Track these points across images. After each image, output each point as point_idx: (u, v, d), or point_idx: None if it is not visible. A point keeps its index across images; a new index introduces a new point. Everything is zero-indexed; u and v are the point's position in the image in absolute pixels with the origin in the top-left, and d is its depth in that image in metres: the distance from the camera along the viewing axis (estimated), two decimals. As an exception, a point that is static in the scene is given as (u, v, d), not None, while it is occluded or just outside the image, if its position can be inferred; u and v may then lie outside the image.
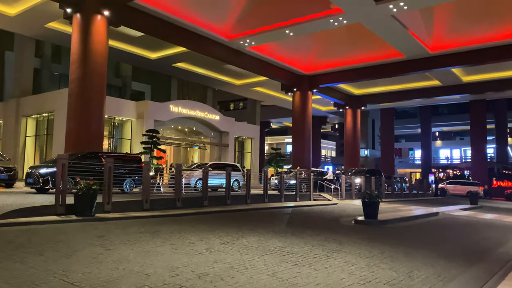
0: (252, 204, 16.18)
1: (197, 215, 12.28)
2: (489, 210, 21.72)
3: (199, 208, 13.66)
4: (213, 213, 13.02)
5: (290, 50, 29.27)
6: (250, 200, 16.53)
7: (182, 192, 13.52)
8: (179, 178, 13.28)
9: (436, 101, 43.81)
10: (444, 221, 14.95)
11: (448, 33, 25.51)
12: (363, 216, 12.91)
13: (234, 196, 16.48)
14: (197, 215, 12.30)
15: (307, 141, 32.56)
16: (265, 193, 17.89)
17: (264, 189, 18.34)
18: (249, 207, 15.22)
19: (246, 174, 18.01)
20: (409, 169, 60.75)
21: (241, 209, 14.51)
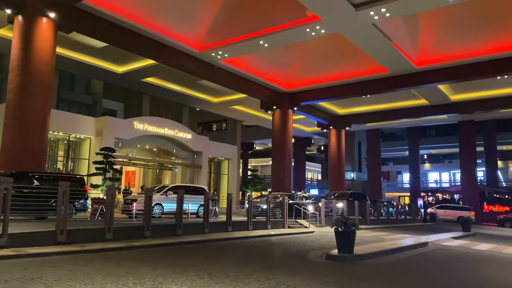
0: (210, 234, 13.77)
1: (127, 250, 9.87)
2: (484, 239, 19.56)
3: (136, 240, 11.22)
4: (152, 247, 10.60)
5: (269, 66, 27.46)
6: (209, 229, 14.12)
7: (113, 220, 11.07)
8: (111, 202, 10.87)
9: (424, 122, 42.18)
10: (435, 254, 12.69)
11: (434, 47, 23.93)
12: (337, 249, 10.59)
13: (194, 225, 14.12)
14: (128, 250, 9.89)
15: (287, 163, 30.37)
16: (248, 220, 15.61)
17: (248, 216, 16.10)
18: (206, 237, 12.83)
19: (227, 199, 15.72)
20: (398, 193, 58.80)
21: (194, 240, 12.10)
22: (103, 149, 19.13)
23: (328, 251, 10.81)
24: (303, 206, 20.48)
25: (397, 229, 22.17)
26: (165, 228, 12.81)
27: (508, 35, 21.55)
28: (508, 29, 21.22)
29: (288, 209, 19.25)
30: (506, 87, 28.94)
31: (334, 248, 11.11)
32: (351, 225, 10.34)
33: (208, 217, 13.94)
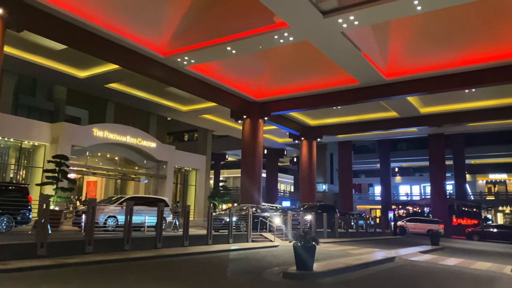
0: (162, 249, 12.72)
1: (57, 268, 8.75)
2: (452, 253, 19.18)
3: (75, 256, 10.08)
4: (90, 264, 9.51)
5: (239, 74, 26.75)
6: (162, 243, 13.07)
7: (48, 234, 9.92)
8: (44, 213, 9.73)
9: (395, 134, 42.39)
10: (402, 270, 12.05)
11: (404, 58, 23.80)
12: (295, 266, 9.77)
13: (146, 239, 13.03)
14: (58, 268, 8.78)
15: (257, 174, 29.54)
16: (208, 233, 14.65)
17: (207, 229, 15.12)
18: (157, 253, 11.78)
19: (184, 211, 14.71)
20: (369, 206, 58.85)
21: (142, 257, 11.05)
22: (56, 156, 17.85)
23: (287, 268, 9.98)
24: (269, 218, 19.62)
25: (366, 243, 21.59)
26: (112, 242, 11.71)
27: (476, 48, 21.59)
28: (476, 41, 21.26)
29: (253, 222, 18.39)
30: (474, 100, 29.20)
31: (294, 264, 10.28)
32: (311, 239, 9.56)
33: (162, 231, 12.88)
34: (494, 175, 55.13)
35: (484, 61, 21.87)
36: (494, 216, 50.44)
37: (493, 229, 33.84)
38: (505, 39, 20.67)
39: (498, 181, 54.91)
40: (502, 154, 50.30)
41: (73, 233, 13.41)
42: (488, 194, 51.46)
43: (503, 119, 31.32)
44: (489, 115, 30.02)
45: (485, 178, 55.41)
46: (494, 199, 49.42)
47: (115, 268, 9.45)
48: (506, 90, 26.89)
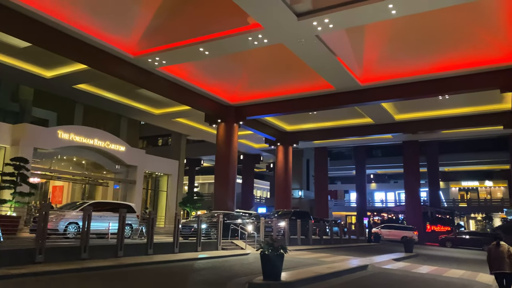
0: (123, 258, 11.92)
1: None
2: (425, 260, 18.99)
3: (22, 266, 9.22)
4: (35, 275, 8.66)
5: (214, 77, 26.15)
6: (124, 252, 12.28)
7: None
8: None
9: (370, 141, 42.53)
10: (374, 279, 11.63)
11: (379, 64, 23.71)
12: (262, 276, 9.18)
13: (106, 247, 12.22)
14: None
15: (231, 179, 28.88)
16: (174, 241, 13.89)
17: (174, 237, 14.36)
18: (116, 262, 10.99)
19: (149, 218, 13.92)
20: (345, 212, 58.93)
21: (99, 266, 10.25)
22: (14, 159, 16.80)
23: (253, 278, 9.39)
24: (241, 225, 18.98)
25: (340, 250, 21.22)
26: (67, 251, 10.87)
27: (451, 54, 21.66)
28: (451, 48, 21.33)
29: (224, 229, 17.74)
30: (448, 108, 29.44)
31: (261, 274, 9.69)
32: (279, 247, 9.00)
33: (123, 238, 12.09)
34: (466, 182, 56.14)
35: (458, 68, 21.95)
36: (467, 223, 51.23)
37: (465, 236, 34.15)
38: (479, 46, 20.79)
39: (470, 189, 55.91)
40: (474, 162, 51.25)
41: (27, 240, 12.45)
42: (460, 201, 52.29)
43: (475, 127, 31.74)
44: (462, 122, 30.34)
45: (458, 186, 56.36)
46: (466, 206, 50.22)
47: (64, 279, 8.66)
48: (478, 98, 27.19)
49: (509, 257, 7.96)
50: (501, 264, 8.02)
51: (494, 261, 8.15)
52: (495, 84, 21.86)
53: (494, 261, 8.15)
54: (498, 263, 8.07)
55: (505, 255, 8.02)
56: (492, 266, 8.17)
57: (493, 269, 8.13)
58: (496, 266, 8.11)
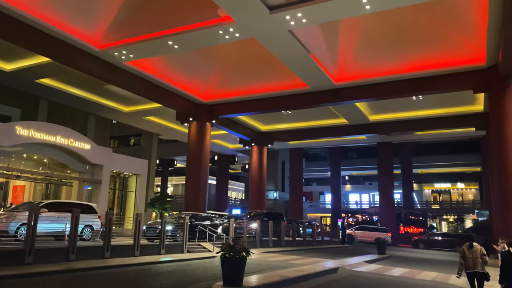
0: (75, 262, 10.96)
1: None
2: (398, 262, 18.64)
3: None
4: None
5: (185, 74, 25.29)
6: (77, 255, 11.32)
7: None
8: None
9: (345, 142, 42.39)
10: (343, 282, 11.06)
11: (353, 63, 23.38)
12: (223, 281, 8.45)
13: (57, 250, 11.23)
14: None
15: (203, 180, 28.01)
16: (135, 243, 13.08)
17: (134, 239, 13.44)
18: (66, 267, 10.05)
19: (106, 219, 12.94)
20: (320, 214, 58.77)
21: (45, 271, 9.30)
22: (-37, 156, 15.50)
23: (213, 284, 8.63)
24: (209, 227, 18.15)
25: (312, 252, 20.68)
26: (10, 255, 9.84)
27: (424, 55, 21.50)
28: (426, 48, 21.15)
29: (191, 230, 16.91)
30: (421, 109, 29.43)
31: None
32: (240, 250, 8.28)
33: (76, 240, 11.14)
34: (439, 184, 56.88)
35: (432, 68, 21.83)
36: (439, 225, 51.81)
37: (438, 237, 34.29)
38: (452, 47, 20.70)
39: (443, 190, 56.67)
40: (447, 164, 51.93)
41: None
42: (433, 203, 52.88)
43: (448, 128, 31.86)
44: (435, 124, 30.40)
45: (431, 188, 57.04)
46: (439, 207, 50.79)
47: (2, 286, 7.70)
48: (451, 100, 27.26)
49: (481, 257, 8.10)
50: (474, 264, 8.10)
51: (468, 261, 8.23)
52: (468, 85, 21.83)
53: (468, 261, 8.23)
54: (472, 263, 8.15)
55: (478, 255, 8.13)
56: (466, 266, 8.27)
57: (467, 269, 8.24)
58: (469, 266, 8.20)
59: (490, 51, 19.55)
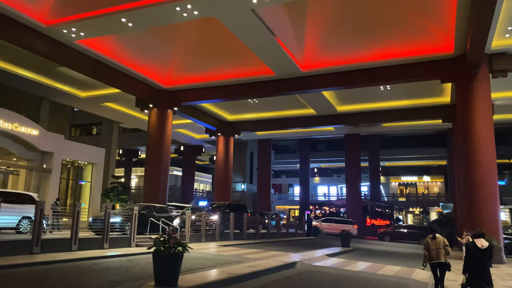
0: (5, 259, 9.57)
1: None
2: (362, 256, 17.99)
3: None
4: None
5: (145, 57, 23.75)
6: (0, 251, 9.91)
7: None
8: None
9: (314, 134, 41.83)
10: (299, 279, 10.14)
11: (321, 50, 22.48)
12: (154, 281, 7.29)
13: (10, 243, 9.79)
14: None
15: (163, 170, 26.61)
16: (72, 237, 11.76)
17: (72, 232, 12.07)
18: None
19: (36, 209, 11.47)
20: (288, 206, 58.31)
21: None
22: None
23: (145, 283, 7.47)
24: (163, 219, 16.87)
25: (274, 245, 19.79)
26: None
27: (392, 42, 20.85)
28: (392, 36, 20.50)
29: (143, 223, 15.63)
30: (389, 100, 28.98)
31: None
32: (175, 245, 7.14)
33: None
34: (406, 177, 57.42)
35: (400, 56, 21.21)
36: (405, 217, 52.30)
37: (403, 229, 34.23)
38: (421, 35, 20.14)
39: (409, 183, 57.25)
40: (413, 157, 52.34)
41: None
42: (400, 196, 53.25)
43: (415, 120, 31.65)
44: (402, 115, 30.06)
45: (398, 180, 57.52)
46: (405, 200, 51.15)
47: None
48: (419, 91, 26.93)
49: (444, 248, 8.42)
50: (438, 255, 8.40)
51: (432, 252, 8.50)
52: (436, 74, 21.37)
53: (432, 252, 8.50)
54: (435, 254, 8.44)
55: (441, 246, 8.45)
56: (429, 257, 8.53)
57: (430, 259, 8.50)
58: (433, 257, 8.47)
59: (458, 40, 19.07)
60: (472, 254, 6.95)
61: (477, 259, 6.89)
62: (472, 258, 6.96)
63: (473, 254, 6.94)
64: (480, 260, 6.88)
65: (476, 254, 6.90)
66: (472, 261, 6.96)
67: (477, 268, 6.88)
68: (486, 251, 6.90)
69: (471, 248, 6.99)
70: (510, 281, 12.13)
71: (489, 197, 18.08)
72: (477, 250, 6.90)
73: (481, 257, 6.88)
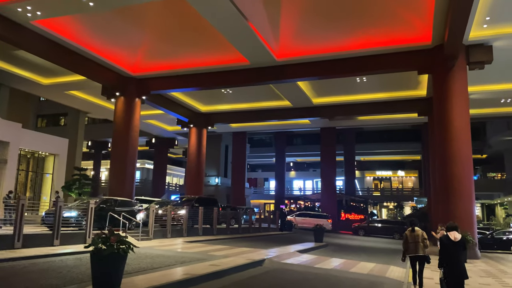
0: None
1: None
2: (335, 251, 17.31)
3: None
4: None
5: (111, 42, 22.35)
6: None
7: None
8: None
9: (290, 126, 41.13)
10: (266, 279, 9.27)
11: (296, 38, 21.60)
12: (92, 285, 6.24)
13: None
14: None
15: (130, 162, 25.29)
16: (15, 233, 10.48)
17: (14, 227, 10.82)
18: None
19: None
20: (264, 200, 57.64)
21: None
22: None
23: None
24: (124, 214, 15.67)
25: (245, 241, 18.92)
26: None
27: (368, 32, 20.14)
28: (369, 26, 19.77)
29: (102, 218, 14.45)
30: (365, 93, 28.45)
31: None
32: (117, 243, 6.11)
33: None
34: (380, 172, 57.57)
35: (377, 46, 20.55)
36: (379, 211, 52.42)
37: (377, 224, 33.95)
38: (398, 24, 19.51)
39: (384, 178, 57.43)
40: (388, 152, 52.43)
41: None
42: (374, 190, 53.29)
43: (391, 113, 31.30)
44: (378, 108, 29.62)
45: (373, 175, 57.62)
46: (380, 195, 51.20)
47: None
48: (395, 84, 26.52)
49: (423, 241, 8.53)
50: (416, 248, 8.52)
51: (410, 245, 8.59)
52: (413, 65, 20.83)
53: (410, 245, 8.59)
54: (414, 247, 8.55)
55: (420, 239, 8.55)
56: (408, 250, 8.62)
57: (409, 252, 8.62)
58: (411, 250, 8.57)
59: (436, 30, 18.57)
60: (446, 247, 6.98)
61: (451, 252, 6.92)
62: (446, 251, 6.98)
63: (447, 247, 6.97)
64: (454, 252, 6.90)
65: (450, 246, 6.94)
66: (446, 254, 6.97)
67: (451, 260, 6.89)
68: (459, 243, 6.95)
69: (444, 241, 7.03)
70: (487, 277, 11.62)
71: (465, 191, 17.69)
72: (450, 243, 6.96)
73: (454, 249, 6.91)
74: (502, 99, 28.19)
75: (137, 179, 52.39)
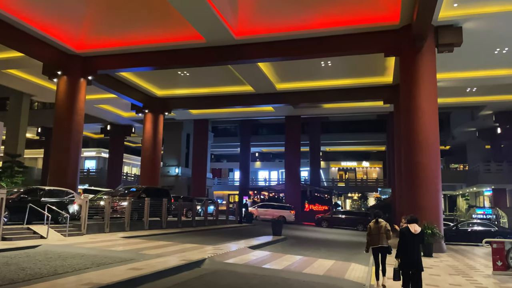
0: None
1: None
2: (293, 246, 15.82)
3: None
4: None
5: (50, 14, 19.92)
6: None
7: None
8: None
9: (254, 115, 39.53)
10: (197, 285, 7.49)
11: (256, 16, 19.84)
12: None
13: None
14: None
15: (74, 149, 22.87)
16: None
17: None
18: None
19: None
20: (228, 191, 55.93)
21: None
22: None
23: None
24: (49, 205, 13.48)
25: (194, 235, 17.16)
26: None
27: (333, 10, 18.67)
28: (333, 3, 18.33)
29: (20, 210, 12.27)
30: (329, 78, 27.10)
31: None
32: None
33: None
34: (345, 162, 57.00)
35: (341, 25, 19.06)
36: (344, 202, 51.83)
37: (341, 215, 32.94)
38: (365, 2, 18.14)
39: (348, 169, 56.90)
40: (353, 142, 51.82)
41: None
42: (339, 181, 52.61)
43: (357, 101, 30.20)
44: (343, 95, 28.37)
45: (338, 165, 56.98)
46: (344, 185, 50.53)
47: None
48: (361, 70, 25.36)
49: (386, 232, 8.58)
50: (379, 239, 8.55)
51: (373, 237, 8.65)
52: (380, 46, 19.54)
53: (373, 237, 8.65)
54: (377, 239, 8.58)
55: (383, 231, 8.59)
56: (372, 241, 8.67)
57: (372, 244, 8.66)
58: (375, 241, 8.61)
59: (404, 9, 17.27)
60: (406, 238, 7.13)
61: (409, 244, 7.08)
62: (405, 242, 7.13)
63: (406, 238, 7.12)
64: (412, 244, 7.08)
65: (409, 238, 7.10)
66: (405, 246, 7.12)
67: (408, 252, 7.05)
68: (418, 236, 7.14)
69: (405, 233, 7.18)
70: (456, 275, 10.40)
71: (431, 181, 16.59)
72: (410, 235, 7.12)
73: (413, 241, 7.08)
74: (468, 88, 27.56)
75: (92, 168, 49.48)
